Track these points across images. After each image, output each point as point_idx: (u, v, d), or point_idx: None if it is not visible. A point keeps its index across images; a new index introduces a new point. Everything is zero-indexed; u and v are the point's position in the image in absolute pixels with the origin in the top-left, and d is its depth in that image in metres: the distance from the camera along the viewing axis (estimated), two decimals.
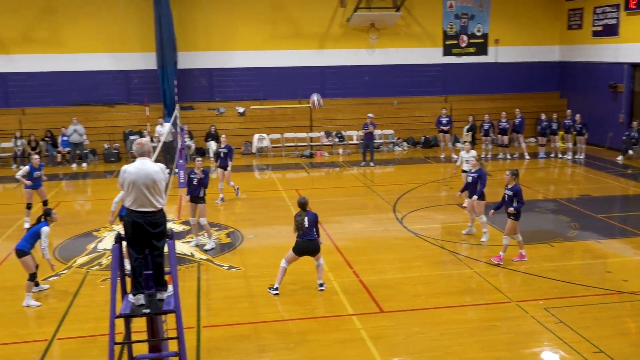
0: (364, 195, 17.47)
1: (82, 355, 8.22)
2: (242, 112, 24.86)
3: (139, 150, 7.05)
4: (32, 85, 23.81)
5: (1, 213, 16.04)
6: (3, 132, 23.25)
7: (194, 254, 12.24)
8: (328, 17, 25.25)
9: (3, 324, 9.24)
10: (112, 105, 24.41)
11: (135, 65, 24.21)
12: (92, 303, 9.96)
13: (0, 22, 23.20)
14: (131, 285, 6.97)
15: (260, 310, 9.56)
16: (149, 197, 6.85)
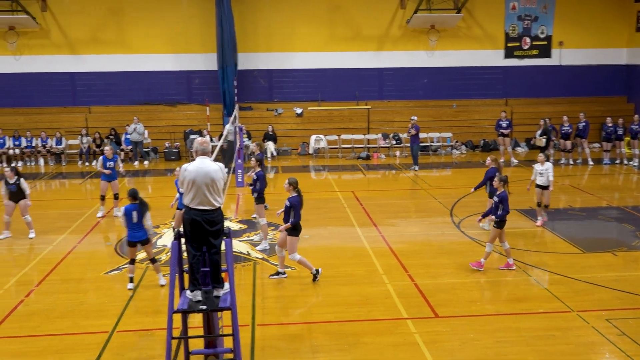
0: (421, 198, 17.31)
1: (140, 348, 8.42)
2: (300, 113, 25.01)
3: (200, 149, 7.19)
4: (98, 85, 24.58)
5: (68, 208, 16.58)
6: (70, 129, 24.08)
7: (250, 253, 12.39)
8: (387, 19, 25.15)
9: (66, 314, 9.56)
10: (173, 105, 24.96)
11: (196, 65, 24.69)
12: (151, 298, 10.20)
13: (70, 23, 24.06)
14: (189, 282, 7.11)
15: (314, 311, 9.60)
16: (207, 195, 6.97)
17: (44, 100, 24.52)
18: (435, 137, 25.04)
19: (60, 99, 24.66)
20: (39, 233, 13.86)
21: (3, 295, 10.35)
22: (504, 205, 10.97)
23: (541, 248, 12.56)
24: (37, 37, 24.09)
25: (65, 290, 10.62)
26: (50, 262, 11.97)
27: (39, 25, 23.87)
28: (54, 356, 8.21)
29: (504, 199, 11.02)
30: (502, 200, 10.99)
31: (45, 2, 23.86)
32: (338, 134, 24.87)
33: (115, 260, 12.04)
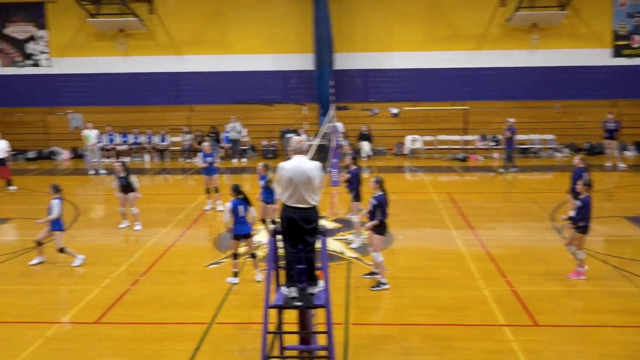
0: (520, 202, 16.80)
1: (237, 341, 8.66)
2: (396, 113, 24.89)
3: (297, 147, 7.29)
4: (200, 84, 25.48)
5: (170, 202, 17.27)
6: (173, 127, 25.10)
7: (344, 252, 12.45)
8: (487, 17, 24.57)
9: (168, 304, 9.97)
10: (271, 104, 25.47)
11: (293, 65, 25.08)
12: (248, 292, 10.45)
13: (175, 25, 25.07)
14: (285, 278, 7.24)
15: (407, 312, 9.52)
16: (304, 193, 7.06)
17: (150, 99, 25.69)
18: (536, 139, 24.21)
19: (165, 98, 25.76)
20: (145, 225, 14.53)
21: (111, 284, 10.92)
22: (583, 210, 10.42)
23: None
24: (144, 39, 25.27)
25: (168, 281, 11.08)
26: (155, 254, 12.52)
27: (146, 28, 25.03)
28: (157, 343, 8.57)
29: (586, 204, 10.47)
30: (584, 205, 10.45)
31: (152, 5, 24.97)
32: (434, 135, 24.55)
33: (214, 254, 12.43)
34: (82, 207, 16.69)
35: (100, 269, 11.72)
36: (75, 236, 13.98)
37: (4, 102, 26.04)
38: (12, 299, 10.37)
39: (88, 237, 14.04)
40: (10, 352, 8.36)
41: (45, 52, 25.78)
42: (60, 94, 25.94)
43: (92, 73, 25.65)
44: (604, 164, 21.79)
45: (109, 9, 24.65)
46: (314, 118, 24.28)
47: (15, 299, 10.37)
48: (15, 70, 25.91)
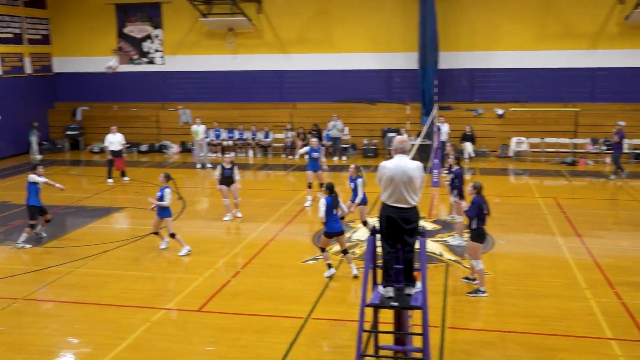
0: (632, 210, 15.89)
1: (332, 337, 8.74)
2: (502, 114, 24.19)
3: (399, 147, 7.25)
4: (303, 82, 25.84)
5: (271, 197, 17.66)
6: (277, 124, 25.62)
7: (443, 254, 12.26)
8: (603, 15, 23.37)
9: (267, 297, 10.21)
10: (373, 103, 25.45)
11: (397, 64, 24.92)
12: (345, 289, 10.52)
13: (281, 24, 25.57)
14: (382, 277, 7.23)
15: (508, 319, 9.25)
16: (404, 193, 7.02)
17: (255, 96, 26.35)
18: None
19: (269, 96, 26.33)
20: (246, 219, 14.95)
21: (214, 274, 11.32)
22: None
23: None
24: (252, 38, 25.94)
25: (266, 274, 11.34)
26: (255, 247, 12.85)
27: (254, 27, 25.68)
28: (254, 334, 8.80)
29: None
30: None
31: (260, 5, 25.59)
32: (541, 137, 23.64)
33: (312, 250, 12.59)
34: (188, 199, 17.37)
35: (204, 259, 12.18)
36: (182, 227, 14.58)
37: (121, 97, 27.56)
38: (122, 283, 10.98)
39: (193, 228, 14.61)
40: (119, 334, 8.86)
41: (160, 50, 27.03)
42: (171, 90, 27.13)
43: (202, 71, 26.62)
44: None
45: (220, 9, 25.48)
46: (416, 118, 24.02)
47: (125, 283, 10.97)
48: (132, 68, 27.34)
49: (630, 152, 22.78)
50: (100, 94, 27.64)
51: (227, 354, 8.26)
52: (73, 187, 19.48)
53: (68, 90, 28.07)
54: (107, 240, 13.28)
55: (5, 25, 25.05)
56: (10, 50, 25.38)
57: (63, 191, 14.17)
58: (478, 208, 9.85)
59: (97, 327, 9.16)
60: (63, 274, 11.38)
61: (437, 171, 18.22)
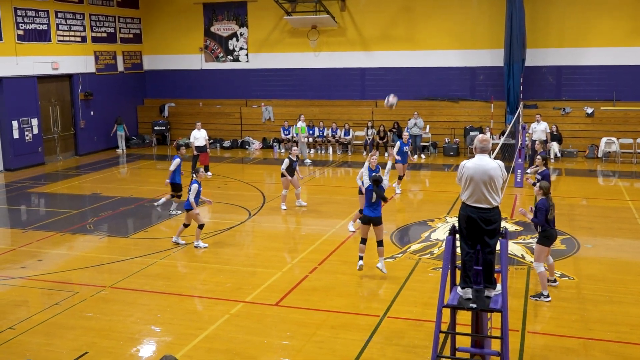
0: None
1: (408, 337, 8.66)
2: (591, 112, 23.25)
3: (481, 146, 7.10)
4: (385, 80, 25.70)
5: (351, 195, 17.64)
6: (357, 121, 25.63)
7: (525, 256, 11.93)
8: None
9: (343, 294, 10.25)
10: (456, 101, 25.04)
11: (481, 62, 24.41)
12: (422, 289, 10.42)
13: (364, 21, 25.54)
14: (460, 278, 7.11)
15: (593, 326, 8.89)
16: (485, 193, 6.88)
17: (337, 93, 26.46)
18: None
19: (351, 93, 26.37)
20: (324, 216, 15.04)
21: (291, 269, 11.47)
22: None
23: None
24: (334, 35, 26.05)
25: (343, 271, 11.38)
26: (332, 244, 12.91)
27: (337, 24, 25.77)
28: (330, 330, 8.86)
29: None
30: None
31: (344, 3, 25.64)
32: (634, 138, 22.55)
33: (389, 249, 12.48)
34: (268, 194, 17.66)
35: (282, 254, 12.36)
36: (261, 222, 14.86)
37: (206, 94, 28.31)
38: (203, 275, 11.31)
39: (272, 223, 14.84)
40: (200, 324, 9.13)
41: (244, 48, 27.58)
42: (254, 87, 27.63)
43: (285, 68, 26.98)
44: None
45: (304, 7, 25.72)
46: (500, 116, 23.45)
47: (206, 275, 11.29)
48: (217, 65, 28.04)
49: None
50: (187, 91, 28.51)
51: (303, 349, 8.35)
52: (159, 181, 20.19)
53: (156, 87, 29.12)
54: (190, 233, 13.68)
55: (100, 24, 26.23)
56: (104, 49, 26.56)
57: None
58: (545, 213, 9.58)
59: (179, 317, 9.47)
60: (147, 264, 11.82)
61: (521, 171, 17.71)
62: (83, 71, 25.38)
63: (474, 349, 7.30)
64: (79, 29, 25.12)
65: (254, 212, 15.69)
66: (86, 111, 25.62)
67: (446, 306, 6.94)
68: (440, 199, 16.88)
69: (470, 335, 7.29)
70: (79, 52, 25.16)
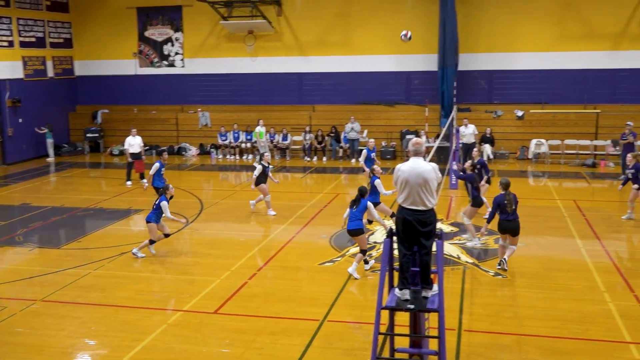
0: None
1: (347, 340, 8.71)
2: (521, 115, 24.00)
3: (414, 149, 7.23)
4: (322, 85, 25.86)
5: (289, 199, 17.65)
6: (295, 126, 25.66)
7: (461, 257, 12.19)
8: (625, 16, 23.11)
9: (283, 299, 10.22)
10: (392, 105, 25.39)
11: (416, 66, 24.85)
12: (361, 291, 10.50)
13: (301, 27, 25.63)
14: (398, 280, 7.20)
15: (525, 323, 9.16)
16: (420, 195, 6.99)
17: (274, 98, 26.43)
18: None
19: (288, 98, 26.40)
20: (263, 222, 14.97)
21: (230, 276, 11.36)
22: None
23: None
24: (271, 40, 26.02)
25: (283, 276, 11.36)
26: (272, 249, 12.87)
27: (273, 29, 25.75)
28: (270, 337, 8.81)
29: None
30: None
31: (281, 8, 25.66)
32: (561, 139, 23.41)
33: (329, 253, 12.56)
34: (205, 201, 17.45)
35: (221, 261, 12.22)
36: (199, 229, 14.67)
37: (141, 100, 27.77)
38: (139, 285, 11.06)
39: (210, 229, 14.68)
40: (136, 335, 8.92)
41: (180, 53, 27.21)
42: (191, 93, 27.30)
43: (221, 73, 26.76)
44: None
45: (240, 12, 25.60)
46: (435, 119, 23.94)
47: (142, 285, 11.06)
48: (152, 71, 27.56)
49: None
50: (121, 97, 27.90)
51: (243, 356, 8.27)
52: (92, 190, 19.71)
53: (89, 93, 28.38)
54: (125, 242, 13.38)
55: (28, 29, 25.39)
56: (33, 54, 25.72)
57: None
58: (497, 206, 11.14)
59: (114, 328, 9.23)
60: (81, 275, 11.49)
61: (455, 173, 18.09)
62: (10, 77, 24.50)
63: (413, 349, 7.40)
64: (6, 34, 24.24)
65: (192, 219, 15.48)
66: (14, 119, 24.72)
67: (384, 308, 7.01)
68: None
69: (409, 336, 7.39)
70: (6, 57, 24.27)
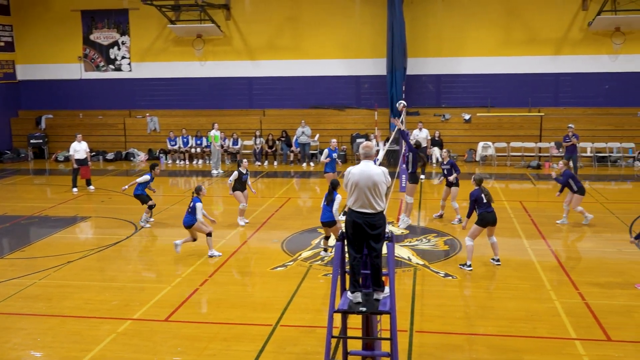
0: (596, 212, 16.14)
1: (301, 344, 8.70)
2: (468, 119, 24.47)
3: (363, 152, 7.29)
4: (273, 89, 25.83)
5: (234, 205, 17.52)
6: (246, 131, 25.54)
7: (411, 259, 12.33)
8: (567, 21, 23.85)
9: (235, 305, 10.14)
10: (342, 109, 25.54)
11: (366, 70, 25.07)
12: (313, 295, 10.50)
13: (250, 31, 25.53)
14: (350, 283, 7.23)
15: (475, 322, 9.33)
16: (370, 198, 7.04)
17: (224, 103, 26.26)
18: (615, 148, 23.30)
19: (238, 102, 26.27)
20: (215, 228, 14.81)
21: (181, 283, 11.21)
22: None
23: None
24: (220, 44, 25.86)
25: (235, 282, 11.28)
26: (223, 255, 12.74)
27: (222, 33, 25.59)
28: (222, 343, 8.73)
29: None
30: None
31: (229, 12, 25.52)
32: (507, 142, 23.97)
33: (281, 257, 12.53)
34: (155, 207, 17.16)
35: (171, 268, 12.06)
36: (149, 235, 14.44)
37: (87, 104, 27.19)
38: (87, 294, 10.79)
39: (161, 236, 14.46)
40: (84, 346, 8.71)
41: (127, 57, 26.76)
42: (139, 97, 26.87)
43: (170, 77, 26.44)
44: None
45: (188, 16, 25.35)
46: (384, 123, 24.17)
47: (90, 294, 10.79)
48: (98, 75, 27.02)
49: (593, 156, 23.25)
50: (65, 102, 27.26)
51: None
52: (36, 197, 19.20)
53: (32, 97, 27.64)
54: (71, 251, 13.06)
55: None
56: None
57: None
58: (475, 201, 11.65)
59: (61, 339, 8.98)
60: (26, 285, 11.15)
61: (405, 176, 18.29)
62: None
63: (365, 351, 7.43)
64: None
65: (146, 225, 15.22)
66: None
67: (337, 311, 7.03)
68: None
69: (361, 339, 7.42)
70: None
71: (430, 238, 13.60)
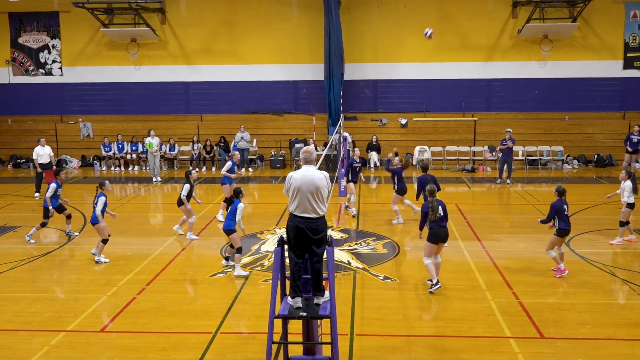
0: (528, 213, 16.71)
1: (242, 351, 8.63)
2: (405, 123, 24.89)
3: (304, 157, 7.30)
4: (210, 94, 25.60)
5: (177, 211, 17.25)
6: (183, 136, 25.21)
7: (351, 262, 12.42)
8: (497, 29, 24.61)
9: (174, 313, 9.96)
10: (280, 114, 25.55)
11: (304, 76, 25.17)
12: (253, 301, 10.43)
13: (186, 35, 25.24)
14: (290, 288, 7.22)
15: (414, 324, 9.47)
16: (312, 203, 7.06)
17: (160, 108, 25.85)
18: (545, 151, 24.15)
19: (175, 107, 25.92)
20: (151, 234, 14.54)
21: (117, 293, 10.93)
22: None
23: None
24: (156, 49, 25.45)
25: (173, 290, 11.08)
26: (161, 263, 12.52)
27: (158, 38, 25.20)
28: (161, 353, 8.56)
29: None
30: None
31: (164, 15, 25.15)
32: (443, 146, 24.52)
33: (220, 264, 12.41)
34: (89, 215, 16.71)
35: (107, 277, 11.76)
36: (83, 244, 14.04)
37: (16, 110, 26.26)
38: (18, 306, 10.39)
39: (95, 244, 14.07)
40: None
41: (57, 61, 25.99)
42: (71, 102, 26.15)
43: (104, 82, 25.85)
44: (615, 176, 21.60)
45: (122, 19, 24.86)
46: (322, 128, 24.32)
47: (21, 306, 10.40)
48: (27, 79, 26.14)
49: (525, 159, 24.03)
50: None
51: None
52: None
53: None
54: (0, 262, 12.56)
55: None
56: None
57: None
58: (425, 214, 11.04)
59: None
60: None
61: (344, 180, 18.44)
62: None
63: (307, 356, 7.43)
64: None
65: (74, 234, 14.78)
66: None
67: (277, 317, 7.01)
68: (269, 211, 17.07)
69: (302, 344, 7.42)
70: None
71: (369, 242, 13.74)
